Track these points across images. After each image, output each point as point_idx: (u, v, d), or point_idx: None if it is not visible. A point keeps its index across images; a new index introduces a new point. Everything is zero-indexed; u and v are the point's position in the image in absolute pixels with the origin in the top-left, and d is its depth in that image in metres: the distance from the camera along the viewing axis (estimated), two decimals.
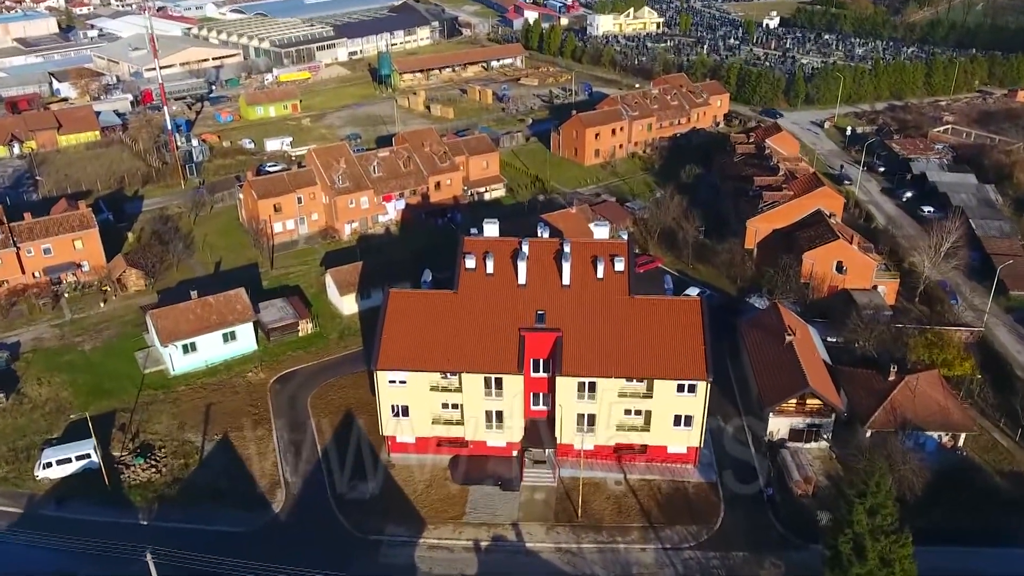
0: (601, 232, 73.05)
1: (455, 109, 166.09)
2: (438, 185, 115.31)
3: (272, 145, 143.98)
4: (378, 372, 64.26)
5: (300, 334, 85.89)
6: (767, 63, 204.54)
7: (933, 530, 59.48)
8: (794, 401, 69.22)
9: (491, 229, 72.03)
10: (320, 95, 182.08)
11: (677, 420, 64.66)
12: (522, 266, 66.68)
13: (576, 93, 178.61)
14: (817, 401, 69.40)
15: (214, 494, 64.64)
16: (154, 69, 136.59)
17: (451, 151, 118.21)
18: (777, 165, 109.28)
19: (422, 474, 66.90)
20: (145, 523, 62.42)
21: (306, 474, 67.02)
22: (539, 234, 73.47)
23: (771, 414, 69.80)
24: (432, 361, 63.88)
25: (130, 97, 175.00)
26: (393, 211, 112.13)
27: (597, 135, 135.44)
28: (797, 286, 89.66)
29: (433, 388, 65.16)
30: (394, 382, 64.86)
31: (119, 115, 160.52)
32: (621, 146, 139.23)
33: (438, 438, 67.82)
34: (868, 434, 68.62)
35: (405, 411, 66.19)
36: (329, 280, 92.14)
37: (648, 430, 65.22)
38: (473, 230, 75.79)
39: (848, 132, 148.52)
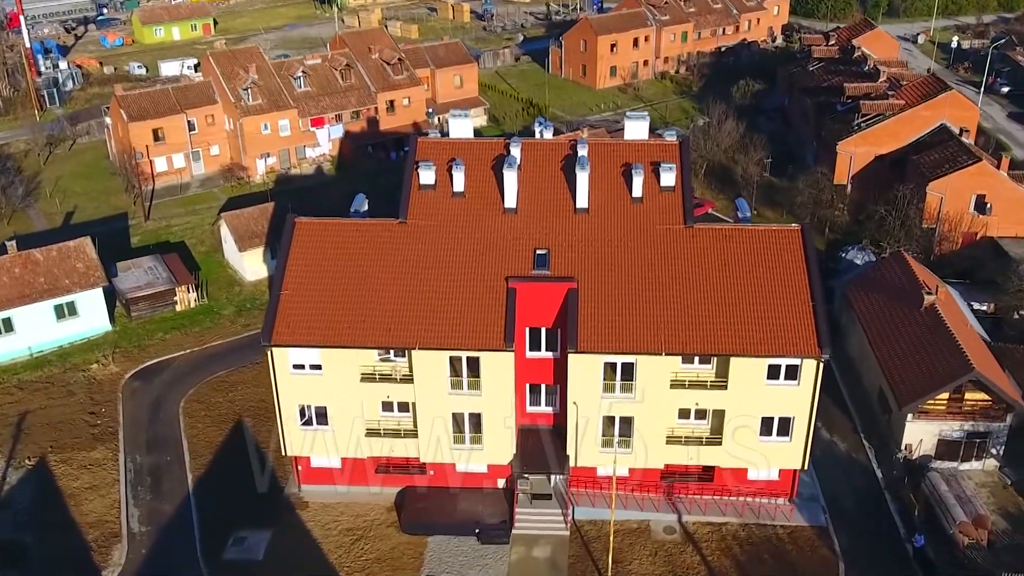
0: (638, 128, 60.92)
1: (421, 28, 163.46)
2: (391, 106, 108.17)
3: (169, 69, 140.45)
4: (274, 349, 53.67)
5: (178, 308, 79.02)
6: None
7: None
8: (945, 396, 58.97)
9: (460, 126, 60.98)
10: (244, 16, 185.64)
11: (766, 426, 55.16)
12: (511, 179, 56.77)
13: (581, 8, 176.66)
14: (982, 395, 58.72)
15: (12, 554, 56.55)
16: None
17: (411, 61, 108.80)
18: (876, 69, 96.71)
19: (351, 518, 58.62)
20: None
21: (165, 520, 58.94)
22: (538, 135, 63.67)
23: (909, 417, 59.83)
24: (364, 331, 54.10)
25: None
26: (326, 141, 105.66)
27: (613, 47, 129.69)
28: (920, 232, 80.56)
29: (367, 377, 55.61)
30: (302, 367, 54.68)
31: None
32: (646, 63, 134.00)
33: (376, 460, 59.11)
34: None
35: (322, 416, 56.62)
36: (224, 229, 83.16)
37: (719, 442, 56.17)
38: (434, 132, 61.57)
39: (954, 45, 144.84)
